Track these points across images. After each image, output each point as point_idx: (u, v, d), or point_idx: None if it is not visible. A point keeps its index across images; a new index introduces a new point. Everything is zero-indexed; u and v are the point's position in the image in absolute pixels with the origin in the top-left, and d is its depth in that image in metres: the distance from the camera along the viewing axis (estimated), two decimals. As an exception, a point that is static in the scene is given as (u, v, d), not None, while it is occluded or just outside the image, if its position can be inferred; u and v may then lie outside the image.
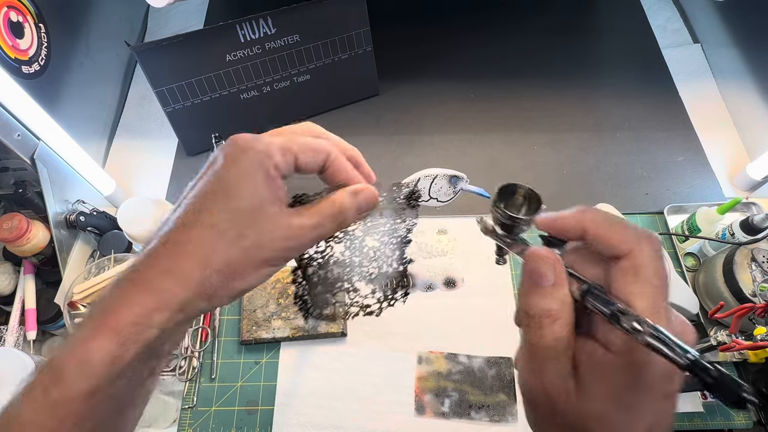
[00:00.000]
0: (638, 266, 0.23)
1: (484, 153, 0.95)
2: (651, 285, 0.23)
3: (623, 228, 0.24)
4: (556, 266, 0.25)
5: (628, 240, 0.24)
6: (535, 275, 0.25)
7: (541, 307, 0.25)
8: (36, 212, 0.77)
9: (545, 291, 0.25)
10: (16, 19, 0.68)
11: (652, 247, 0.24)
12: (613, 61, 1.08)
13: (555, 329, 0.24)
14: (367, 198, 0.31)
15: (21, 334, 0.73)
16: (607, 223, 0.25)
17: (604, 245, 0.25)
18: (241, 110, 0.91)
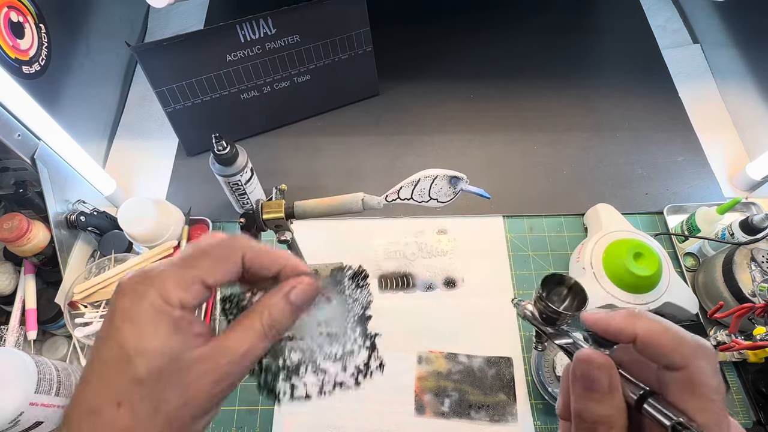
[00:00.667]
0: (696, 381, 0.23)
1: (484, 153, 0.95)
2: (710, 401, 0.23)
3: (679, 340, 0.24)
4: (611, 371, 0.24)
5: (685, 353, 0.23)
6: (588, 381, 0.24)
7: (596, 413, 0.24)
8: (36, 212, 0.77)
9: (599, 396, 0.24)
10: (17, 19, 0.68)
11: (709, 363, 0.23)
12: (613, 61, 1.08)
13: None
14: (303, 293, 0.27)
15: (21, 334, 0.73)
16: (660, 332, 0.24)
17: (658, 355, 0.24)
18: (241, 110, 0.91)
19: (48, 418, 0.55)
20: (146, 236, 0.75)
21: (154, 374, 0.22)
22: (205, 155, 0.93)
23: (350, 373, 0.32)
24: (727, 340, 0.62)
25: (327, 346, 0.32)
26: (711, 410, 0.22)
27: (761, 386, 0.70)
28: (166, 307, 0.23)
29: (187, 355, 0.23)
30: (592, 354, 0.24)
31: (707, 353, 0.23)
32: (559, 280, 0.28)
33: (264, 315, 0.25)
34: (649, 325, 0.24)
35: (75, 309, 0.72)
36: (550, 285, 0.28)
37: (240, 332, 0.25)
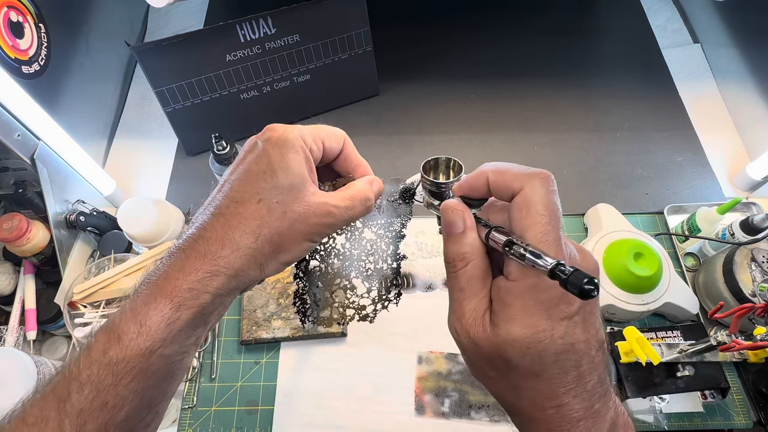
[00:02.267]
0: (528, 201, 0.26)
1: (484, 153, 0.94)
2: (540, 216, 0.26)
3: (516, 168, 0.28)
4: (464, 214, 0.29)
5: (520, 178, 0.27)
6: (447, 224, 0.29)
7: (454, 251, 0.28)
8: (36, 212, 0.77)
9: (457, 237, 0.28)
10: (16, 19, 0.68)
11: (542, 183, 0.26)
12: (614, 61, 1.08)
13: (468, 270, 0.28)
14: (379, 188, 0.34)
15: (21, 334, 0.73)
16: (502, 167, 0.28)
17: (502, 188, 0.28)
18: (241, 110, 0.91)
19: (47, 419, 0.55)
20: (146, 236, 0.75)
21: (289, 187, 0.29)
22: (205, 155, 0.93)
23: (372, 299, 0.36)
24: (728, 340, 0.61)
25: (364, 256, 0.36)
26: (539, 224, 0.26)
27: (761, 386, 0.70)
28: (304, 147, 0.30)
29: (310, 188, 0.30)
30: (450, 202, 0.30)
31: (540, 175, 0.27)
32: (436, 163, 0.34)
33: (361, 189, 0.32)
34: (493, 167, 0.29)
35: (74, 309, 0.72)
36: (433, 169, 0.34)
37: (344, 194, 0.32)
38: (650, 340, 0.67)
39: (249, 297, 0.78)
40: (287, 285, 0.79)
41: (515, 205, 0.27)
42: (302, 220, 0.29)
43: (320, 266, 0.36)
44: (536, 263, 0.24)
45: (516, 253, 0.25)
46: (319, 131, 0.32)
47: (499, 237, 0.27)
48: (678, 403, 0.70)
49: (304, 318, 0.36)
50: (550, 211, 0.26)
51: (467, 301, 0.28)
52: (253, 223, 0.28)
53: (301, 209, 0.29)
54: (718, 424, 0.70)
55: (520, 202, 0.26)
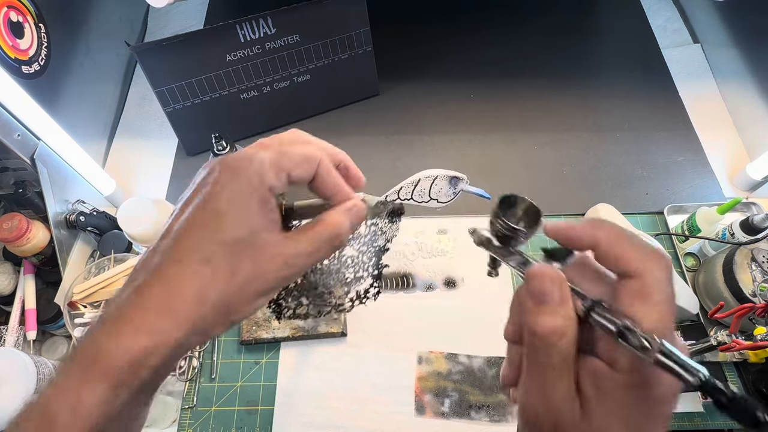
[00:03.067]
0: (648, 289, 0.23)
1: (484, 153, 0.95)
2: (660, 307, 0.23)
3: (637, 246, 0.24)
4: (561, 284, 0.24)
5: (641, 259, 0.24)
6: (539, 293, 0.24)
7: (547, 324, 0.24)
8: (36, 212, 0.77)
9: (551, 309, 0.24)
10: (16, 19, 0.68)
11: (664, 271, 0.23)
12: (614, 61, 1.08)
13: (562, 347, 0.24)
14: (358, 215, 0.30)
15: (21, 334, 0.73)
16: (621, 238, 0.24)
17: (615, 262, 0.24)
18: (241, 110, 0.91)
19: (47, 419, 0.55)
20: (146, 236, 0.75)
21: (238, 241, 0.25)
22: (205, 155, 0.93)
23: (349, 297, 0.34)
24: (728, 341, 0.62)
25: (343, 269, 0.34)
26: (659, 315, 0.23)
27: (761, 386, 0.70)
28: (260, 187, 0.26)
29: (265, 235, 0.26)
30: (543, 267, 0.25)
31: (664, 261, 0.24)
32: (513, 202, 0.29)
33: (330, 225, 0.28)
34: (609, 231, 0.25)
35: (74, 309, 0.72)
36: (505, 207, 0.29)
37: (308, 235, 0.27)
38: (650, 340, 0.67)
39: (249, 297, 0.78)
40: (287, 285, 0.79)
41: (629, 289, 0.24)
42: (254, 279, 0.26)
43: (296, 280, 0.34)
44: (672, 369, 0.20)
45: (638, 345, 0.21)
46: (285, 159, 0.27)
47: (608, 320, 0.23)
48: (678, 403, 0.70)
49: (279, 316, 0.35)
50: (671, 303, 0.24)
51: (557, 381, 0.24)
52: (197, 289, 0.25)
53: (253, 267, 0.25)
54: (718, 424, 0.70)
55: (635, 287, 0.23)
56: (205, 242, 0.25)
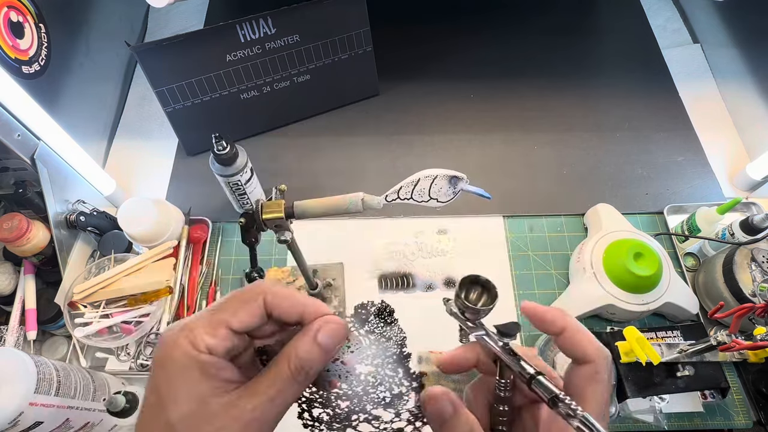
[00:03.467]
0: (599, 375, 0.28)
1: (484, 153, 0.95)
2: (605, 392, 0.28)
3: (592, 338, 0.29)
4: (450, 397, 0.27)
5: (596, 350, 0.28)
6: (436, 415, 0.27)
7: None
8: (36, 212, 0.77)
9: (451, 423, 0.27)
10: (17, 19, 0.68)
11: (609, 363, 0.28)
12: (614, 61, 1.08)
13: None
14: (331, 333, 0.26)
15: (21, 334, 0.73)
16: (580, 330, 0.29)
17: (575, 348, 0.29)
18: (241, 110, 0.91)
19: (48, 418, 0.55)
20: (146, 236, 0.75)
21: (185, 419, 0.23)
22: (205, 155, 0.93)
23: (406, 419, 0.31)
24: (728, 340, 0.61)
25: (372, 390, 0.30)
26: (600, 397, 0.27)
27: (761, 386, 0.70)
28: (194, 352, 0.24)
29: (216, 400, 0.23)
30: (432, 390, 0.28)
31: (608, 355, 0.29)
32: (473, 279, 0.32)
33: (291, 358, 0.25)
34: (573, 323, 0.29)
35: (75, 309, 0.72)
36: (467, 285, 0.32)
37: (268, 377, 0.25)
38: (650, 340, 0.67)
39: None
40: (287, 285, 0.79)
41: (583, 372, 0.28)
42: None
43: (326, 411, 0.30)
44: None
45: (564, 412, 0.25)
46: (218, 314, 0.25)
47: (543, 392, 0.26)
48: (678, 403, 0.70)
49: None
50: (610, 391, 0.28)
51: None
52: None
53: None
54: (718, 424, 0.70)
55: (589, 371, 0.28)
56: (154, 428, 0.23)
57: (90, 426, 0.62)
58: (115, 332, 0.73)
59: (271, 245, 0.85)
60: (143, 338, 0.74)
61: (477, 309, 0.31)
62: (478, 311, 0.31)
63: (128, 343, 0.74)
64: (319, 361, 0.25)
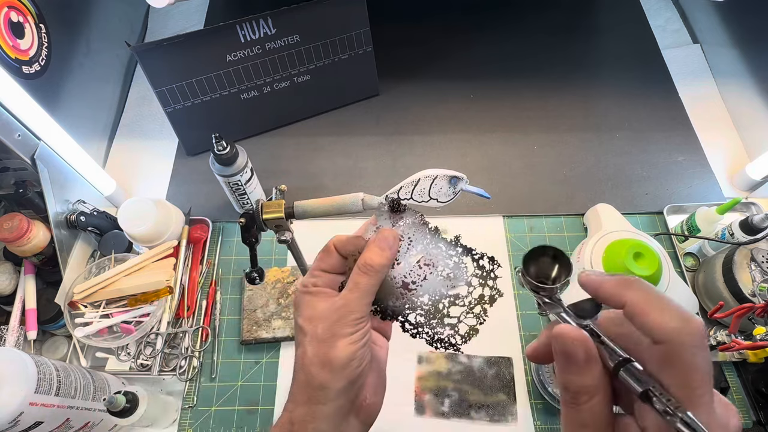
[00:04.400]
0: (673, 356, 0.23)
1: (484, 153, 0.95)
2: (684, 375, 0.23)
3: (665, 310, 0.23)
4: (586, 344, 0.24)
5: (667, 325, 0.23)
6: (566, 355, 0.25)
7: (576, 384, 0.24)
8: (36, 212, 0.77)
9: (579, 368, 0.24)
10: (17, 19, 0.68)
11: (693, 338, 0.23)
12: (614, 61, 1.08)
13: (592, 406, 0.24)
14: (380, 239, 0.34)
15: (21, 334, 0.73)
16: (650, 301, 0.24)
17: (642, 326, 0.24)
18: (241, 110, 0.91)
19: (48, 418, 0.55)
20: (146, 236, 0.75)
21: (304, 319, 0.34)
22: (205, 155, 0.93)
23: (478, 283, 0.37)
24: (727, 340, 0.62)
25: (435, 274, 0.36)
26: (683, 382, 0.22)
27: (761, 386, 0.70)
28: (303, 289, 0.35)
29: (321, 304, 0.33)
30: (566, 329, 0.25)
31: (692, 328, 0.23)
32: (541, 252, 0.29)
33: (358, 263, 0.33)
34: (637, 295, 0.25)
35: (75, 309, 0.72)
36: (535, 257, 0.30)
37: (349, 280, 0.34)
38: (650, 339, 0.67)
39: (249, 297, 0.78)
40: (287, 285, 0.79)
41: (657, 353, 0.23)
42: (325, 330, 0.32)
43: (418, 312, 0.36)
44: None
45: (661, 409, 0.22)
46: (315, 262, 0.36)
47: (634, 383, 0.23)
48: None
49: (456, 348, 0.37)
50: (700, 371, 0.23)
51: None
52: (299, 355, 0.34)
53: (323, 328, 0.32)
54: (718, 424, 0.70)
55: (663, 352, 0.23)
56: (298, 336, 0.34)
57: (90, 426, 0.62)
58: (115, 332, 0.73)
59: (272, 245, 0.85)
60: (143, 338, 0.74)
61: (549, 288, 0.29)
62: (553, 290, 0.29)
63: (128, 343, 0.74)
64: (372, 253, 0.33)
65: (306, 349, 0.32)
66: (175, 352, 0.75)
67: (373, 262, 0.33)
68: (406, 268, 0.34)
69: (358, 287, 0.32)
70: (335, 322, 0.32)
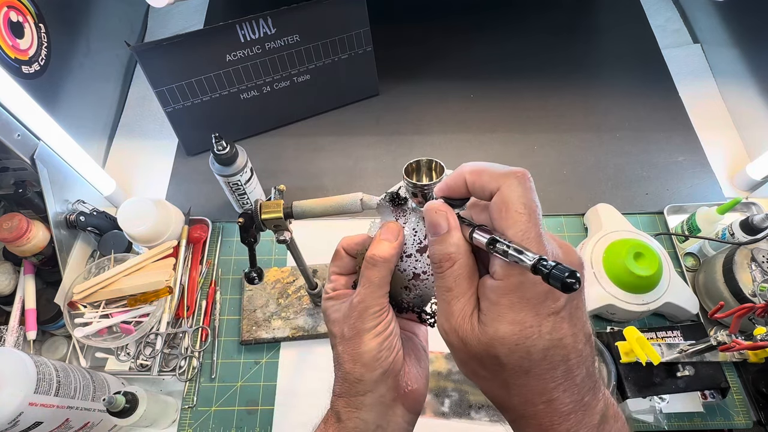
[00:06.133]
0: (507, 200, 0.26)
1: (484, 153, 0.95)
2: (519, 214, 0.26)
3: (492, 168, 0.28)
4: (447, 214, 0.29)
5: (497, 178, 0.27)
6: (432, 226, 0.29)
7: (440, 252, 0.28)
8: (36, 212, 0.77)
9: (442, 238, 0.28)
10: (16, 19, 0.68)
11: (519, 181, 0.26)
12: (614, 61, 1.08)
13: (454, 270, 0.28)
14: (385, 232, 0.34)
15: (21, 334, 0.73)
16: (479, 167, 0.29)
17: (480, 189, 0.28)
18: (241, 110, 0.91)
19: (47, 419, 0.55)
20: (146, 236, 0.75)
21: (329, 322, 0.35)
22: (204, 155, 0.93)
23: None
24: (728, 340, 0.61)
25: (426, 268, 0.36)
26: (519, 224, 0.25)
27: (761, 386, 0.70)
28: (325, 296, 0.37)
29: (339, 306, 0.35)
30: (433, 203, 0.30)
31: (516, 173, 0.27)
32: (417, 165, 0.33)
33: (366, 259, 0.34)
34: (472, 170, 0.29)
35: (74, 309, 0.72)
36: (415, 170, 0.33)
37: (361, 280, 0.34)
38: (650, 340, 0.67)
39: (249, 297, 0.78)
40: (287, 285, 0.79)
41: (494, 205, 0.27)
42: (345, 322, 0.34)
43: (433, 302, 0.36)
44: (519, 259, 0.24)
45: (499, 250, 0.25)
46: (330, 267, 0.38)
47: (482, 235, 0.27)
48: (678, 403, 0.70)
49: None
50: (529, 209, 0.26)
51: (455, 300, 0.28)
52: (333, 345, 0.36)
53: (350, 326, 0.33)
54: (718, 424, 0.70)
55: (498, 202, 0.27)
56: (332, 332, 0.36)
57: (90, 426, 0.62)
58: (115, 332, 0.73)
59: (271, 245, 0.85)
60: (143, 338, 0.74)
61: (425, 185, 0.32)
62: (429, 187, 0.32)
63: (128, 343, 0.74)
64: (378, 245, 0.33)
65: (339, 350, 0.34)
66: (174, 353, 0.75)
67: (380, 254, 0.33)
68: (414, 259, 0.34)
69: (370, 281, 0.33)
70: (357, 319, 0.33)
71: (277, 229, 0.55)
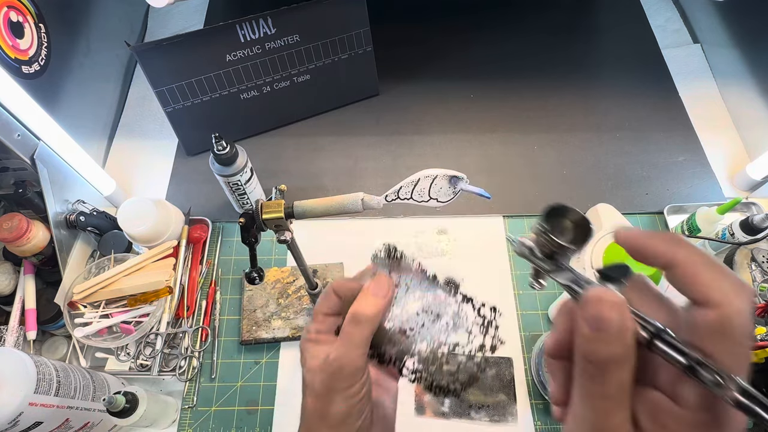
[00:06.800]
0: (728, 323, 0.21)
1: (484, 153, 0.95)
2: (741, 345, 0.21)
3: (720, 272, 0.21)
4: (623, 310, 0.22)
5: (723, 288, 0.21)
6: (597, 320, 0.22)
7: (604, 353, 0.22)
8: (36, 212, 0.77)
9: (610, 337, 0.22)
10: (16, 19, 0.68)
11: (747, 305, 0.21)
12: (614, 61, 1.08)
13: (620, 376, 0.22)
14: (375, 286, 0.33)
15: (21, 334, 0.73)
16: (702, 261, 0.22)
17: (692, 286, 0.22)
18: (241, 110, 0.91)
19: (47, 418, 0.55)
20: (146, 236, 0.75)
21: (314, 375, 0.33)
22: (205, 155, 0.93)
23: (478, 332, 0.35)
24: (728, 341, 0.62)
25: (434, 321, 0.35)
26: (737, 352, 0.21)
27: (761, 386, 0.70)
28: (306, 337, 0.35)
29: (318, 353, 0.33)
30: (601, 292, 0.22)
31: (747, 294, 0.21)
32: (560, 212, 0.26)
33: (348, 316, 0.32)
34: (691, 254, 0.22)
35: (74, 309, 0.72)
36: (552, 219, 0.26)
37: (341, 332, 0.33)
38: (650, 340, 0.67)
39: (249, 297, 0.78)
40: (287, 285, 0.79)
41: (706, 320, 0.21)
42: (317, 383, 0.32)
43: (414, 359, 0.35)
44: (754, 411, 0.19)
45: (711, 381, 0.20)
46: (316, 306, 0.36)
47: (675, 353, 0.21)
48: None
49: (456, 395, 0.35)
50: (751, 341, 0.22)
51: (615, 413, 0.22)
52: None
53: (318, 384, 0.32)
54: (718, 424, 0.70)
55: (713, 319, 0.21)
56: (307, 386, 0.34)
57: (90, 426, 0.62)
58: (115, 332, 0.73)
59: (272, 245, 0.85)
60: (143, 338, 0.74)
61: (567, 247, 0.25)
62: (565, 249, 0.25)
63: (128, 343, 0.74)
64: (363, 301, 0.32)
65: (307, 402, 0.33)
66: (174, 353, 0.75)
67: (365, 311, 0.32)
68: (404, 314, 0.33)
69: (351, 340, 0.31)
70: (330, 376, 0.31)
71: (278, 229, 0.55)
